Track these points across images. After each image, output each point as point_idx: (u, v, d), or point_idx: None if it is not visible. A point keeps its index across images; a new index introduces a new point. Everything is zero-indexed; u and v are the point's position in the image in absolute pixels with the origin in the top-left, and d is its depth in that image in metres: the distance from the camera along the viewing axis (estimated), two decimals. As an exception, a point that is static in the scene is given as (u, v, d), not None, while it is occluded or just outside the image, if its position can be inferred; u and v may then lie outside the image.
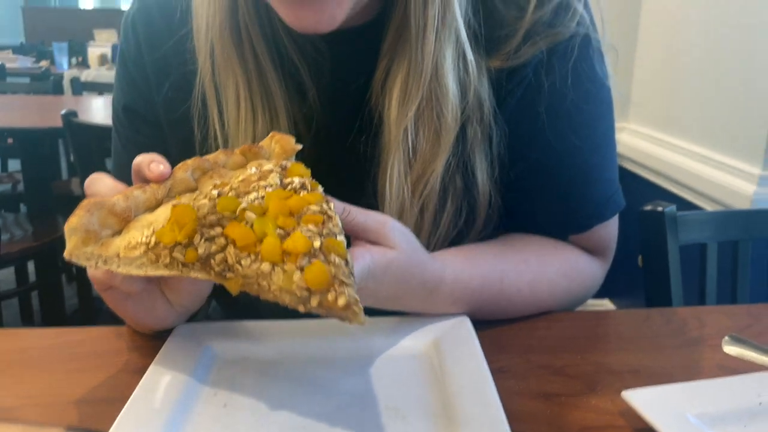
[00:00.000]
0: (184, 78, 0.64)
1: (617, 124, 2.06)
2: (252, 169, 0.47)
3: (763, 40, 1.31)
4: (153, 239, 0.44)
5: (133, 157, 0.70)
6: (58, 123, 1.86)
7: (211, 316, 0.83)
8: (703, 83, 1.59)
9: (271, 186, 0.45)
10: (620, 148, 2.02)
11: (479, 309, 0.60)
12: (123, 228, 0.46)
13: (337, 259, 0.43)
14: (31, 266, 2.26)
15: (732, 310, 0.67)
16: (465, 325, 0.57)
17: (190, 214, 0.43)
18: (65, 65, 4.33)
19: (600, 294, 2.19)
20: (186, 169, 0.48)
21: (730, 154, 1.46)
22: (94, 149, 1.86)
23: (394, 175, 0.60)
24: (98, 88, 3.05)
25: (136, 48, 0.68)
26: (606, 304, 2.20)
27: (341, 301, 0.41)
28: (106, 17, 9.52)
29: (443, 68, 0.58)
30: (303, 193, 0.45)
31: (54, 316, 2.20)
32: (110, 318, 0.58)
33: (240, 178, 0.46)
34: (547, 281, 0.65)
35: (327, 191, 0.65)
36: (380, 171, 0.62)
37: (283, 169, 0.48)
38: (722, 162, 1.47)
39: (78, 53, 5.05)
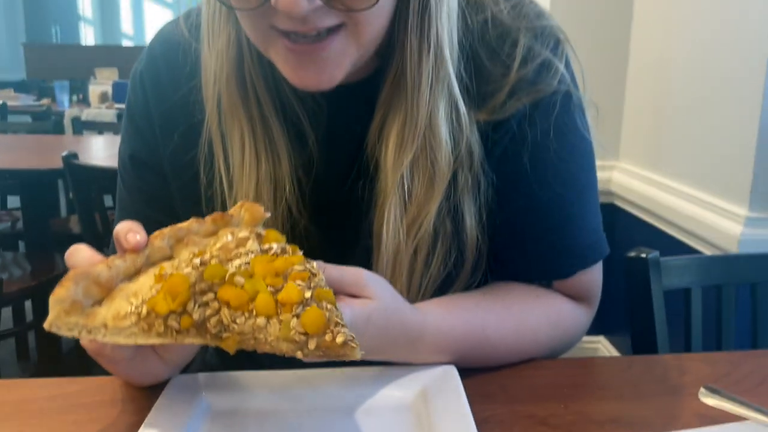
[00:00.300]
0: (191, 128, 0.68)
1: (608, 163, 2.10)
2: (228, 237, 0.49)
3: (748, 84, 1.35)
4: (144, 309, 0.45)
5: (138, 204, 0.73)
6: (59, 164, 1.89)
7: (207, 361, 0.85)
8: (690, 123, 1.63)
9: (252, 252, 0.48)
10: (612, 187, 2.06)
11: (464, 357, 0.62)
12: (105, 297, 0.48)
13: (329, 305, 0.46)
14: (28, 304, 2.27)
15: (712, 358, 0.69)
16: (452, 374, 0.59)
17: (184, 284, 0.45)
18: (66, 103, 4.40)
19: (595, 331, 2.20)
20: (162, 237, 0.50)
21: (717, 194, 1.49)
22: (94, 189, 1.89)
23: (391, 218, 0.63)
24: (98, 127, 3.09)
25: (143, 101, 0.71)
26: (601, 341, 2.21)
27: (340, 339, 0.44)
28: (107, 54, 9.65)
29: (437, 119, 0.62)
30: (285, 256, 0.48)
31: (50, 355, 2.20)
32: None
33: (217, 246, 0.48)
34: (531, 328, 0.67)
35: (325, 234, 0.68)
36: (377, 214, 0.65)
37: (259, 236, 0.50)
38: (709, 202, 1.50)
39: (79, 91, 5.13)
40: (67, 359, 2.31)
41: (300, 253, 0.49)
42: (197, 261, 0.47)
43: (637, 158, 1.97)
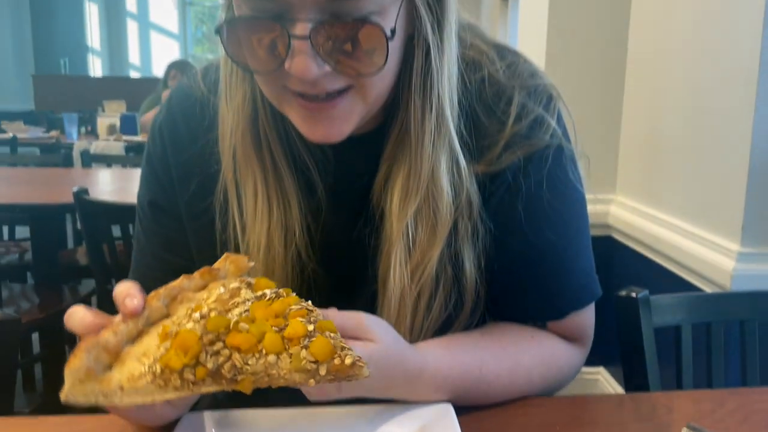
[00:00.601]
0: (208, 177, 0.72)
1: (605, 197, 2.13)
2: (220, 289, 0.53)
3: (738, 123, 1.39)
4: (158, 367, 0.48)
5: (156, 247, 0.77)
6: (69, 198, 1.93)
7: (217, 397, 0.88)
8: (684, 159, 1.67)
9: (248, 300, 0.51)
10: (609, 220, 2.10)
11: (461, 395, 0.66)
12: (115, 362, 0.51)
13: (332, 333, 0.50)
14: (35, 336, 2.30)
15: (697, 396, 0.72)
16: (448, 412, 0.63)
17: (193, 338, 0.48)
18: (75, 135, 4.47)
19: (595, 363, 2.21)
20: (158, 297, 0.54)
21: (710, 229, 1.52)
22: (103, 222, 1.93)
23: (396, 264, 0.67)
24: (106, 160, 3.15)
25: (162, 151, 0.76)
26: (601, 372, 2.23)
27: (348, 361, 0.48)
28: (114, 85, 9.82)
29: (439, 172, 0.66)
30: (280, 299, 0.51)
31: (56, 387, 2.21)
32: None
33: (212, 299, 0.52)
34: (525, 368, 0.71)
35: (333, 278, 0.72)
36: (382, 260, 0.68)
37: (249, 284, 0.54)
38: (703, 237, 1.53)
39: (87, 123, 5.22)
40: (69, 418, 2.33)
41: (293, 294, 0.53)
42: (197, 315, 0.50)
43: (633, 192, 2.02)
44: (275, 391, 0.68)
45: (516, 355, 0.71)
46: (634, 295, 0.88)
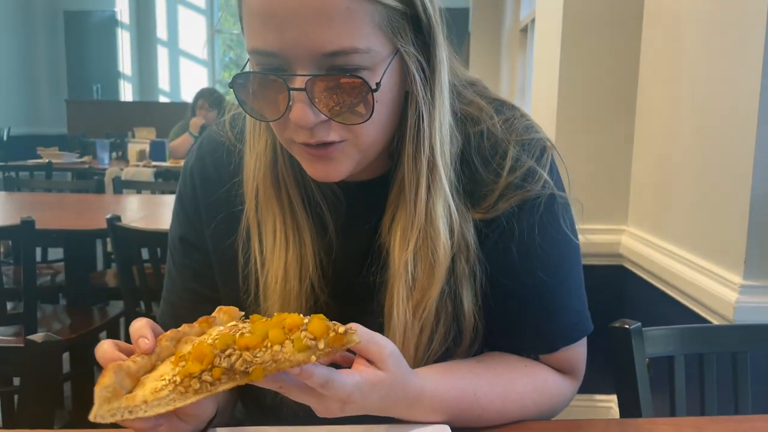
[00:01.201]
0: (232, 216, 0.80)
1: (617, 227, 2.18)
2: (219, 328, 0.61)
3: (740, 161, 1.44)
4: (179, 377, 0.56)
5: (185, 279, 0.85)
6: (101, 224, 2.05)
7: (236, 416, 0.95)
8: (690, 192, 1.72)
9: (246, 327, 0.59)
10: (621, 250, 2.15)
11: (456, 417, 0.72)
12: (135, 386, 0.59)
13: (322, 317, 0.59)
14: (65, 356, 2.40)
15: (680, 422, 0.77)
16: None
17: (208, 347, 0.57)
18: (106, 160, 4.64)
19: (608, 391, 2.23)
20: (167, 338, 0.62)
21: (714, 262, 1.57)
22: (134, 247, 2.03)
23: (399, 301, 0.73)
24: (136, 186, 3.29)
25: (192, 192, 0.84)
26: (614, 400, 2.25)
27: (341, 329, 0.58)
28: (144, 110, 10.09)
29: (435, 216, 0.73)
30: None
31: (85, 404, 2.31)
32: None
33: (214, 333, 0.60)
34: (518, 394, 0.77)
35: (341, 310, 0.79)
36: (387, 296, 0.75)
37: (244, 322, 0.61)
38: (708, 269, 1.57)
39: (118, 148, 5.40)
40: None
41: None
42: (210, 341, 0.58)
43: (643, 224, 2.06)
44: (287, 411, 0.76)
45: (509, 383, 0.77)
46: (627, 326, 0.94)
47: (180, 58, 11.92)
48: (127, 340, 0.65)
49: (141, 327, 0.62)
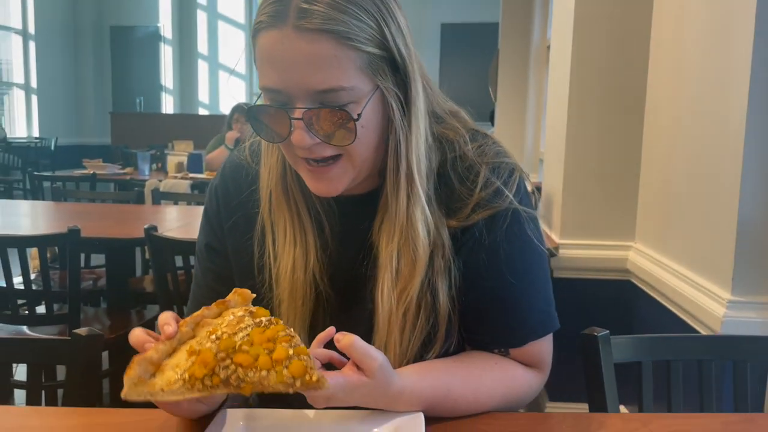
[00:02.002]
0: (249, 219, 0.96)
1: (625, 243, 2.26)
2: (230, 317, 0.75)
3: (728, 180, 1.53)
4: (187, 376, 0.70)
5: (209, 280, 1.01)
6: (140, 233, 2.22)
7: (250, 402, 1.09)
8: (687, 211, 1.81)
9: (250, 326, 0.72)
10: (628, 266, 2.23)
11: (431, 409, 0.84)
12: (157, 371, 0.72)
13: (305, 357, 0.71)
14: (105, 355, 2.58)
15: (629, 417, 0.88)
16: (418, 418, 0.81)
17: (211, 355, 0.70)
18: (147, 171, 4.89)
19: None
20: (186, 324, 0.76)
21: (707, 277, 1.65)
22: (169, 255, 2.20)
23: (386, 289, 0.87)
24: (173, 198, 3.48)
25: (216, 207, 1.01)
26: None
27: (315, 377, 0.70)
28: (183, 122, 10.45)
29: (414, 218, 0.86)
30: (272, 326, 0.73)
31: (121, 400, 2.48)
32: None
33: (225, 324, 0.73)
34: (487, 389, 0.89)
35: (338, 298, 0.92)
36: (376, 285, 0.89)
37: (251, 312, 0.75)
38: (701, 284, 1.66)
39: (158, 160, 5.66)
40: (134, 404, 2.59)
41: (281, 322, 0.73)
42: (213, 337, 0.72)
43: (649, 241, 2.15)
44: (293, 398, 0.90)
45: (480, 379, 0.89)
46: (595, 333, 1.05)
47: (219, 71, 12.28)
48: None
49: (166, 316, 0.76)
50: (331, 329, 0.80)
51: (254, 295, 0.80)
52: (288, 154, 0.86)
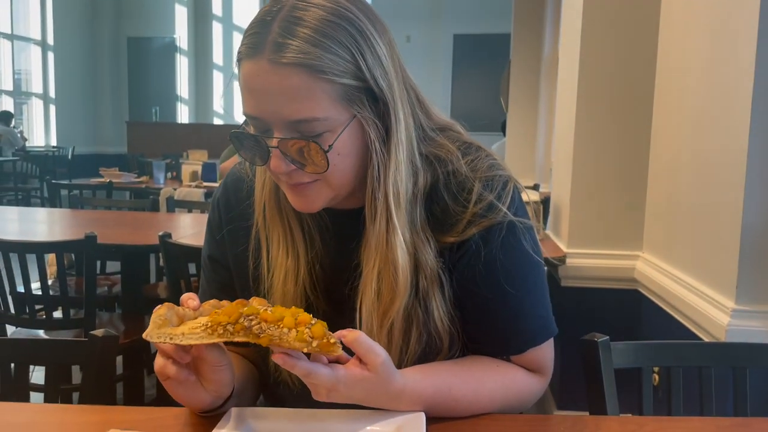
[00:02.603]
0: (247, 230, 0.99)
1: (633, 253, 2.28)
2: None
3: (731, 192, 1.55)
4: (210, 321, 0.75)
5: (213, 290, 1.05)
6: (155, 240, 2.27)
7: (259, 404, 1.12)
8: (692, 221, 1.82)
9: (271, 309, 0.78)
10: (635, 275, 2.25)
11: (433, 409, 0.87)
12: (180, 323, 0.78)
13: (325, 327, 0.76)
14: (119, 359, 2.63)
15: (624, 420, 0.90)
16: (420, 418, 0.84)
17: (237, 308, 0.75)
18: (162, 180, 4.97)
19: (622, 410, 2.31)
20: (209, 304, 0.81)
21: (712, 286, 1.67)
22: (182, 261, 2.25)
23: (365, 310, 0.89)
24: (187, 206, 3.54)
25: (218, 219, 1.04)
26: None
27: (332, 340, 0.75)
28: (198, 132, 10.56)
29: (393, 244, 0.87)
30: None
31: (134, 403, 2.53)
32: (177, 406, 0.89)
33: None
34: (488, 390, 0.91)
35: (326, 310, 0.97)
36: (357, 305, 0.91)
37: (267, 308, 0.79)
38: (705, 293, 1.68)
39: (173, 168, 5.74)
40: (148, 402, 2.64)
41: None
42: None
43: (656, 250, 2.16)
44: (295, 401, 0.93)
45: (481, 381, 0.91)
46: (595, 339, 1.07)
47: (234, 82, 12.40)
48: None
49: (190, 294, 0.81)
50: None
51: (270, 305, 0.83)
52: (271, 175, 0.89)
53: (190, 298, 0.81)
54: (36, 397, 2.14)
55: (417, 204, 0.90)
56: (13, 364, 1.13)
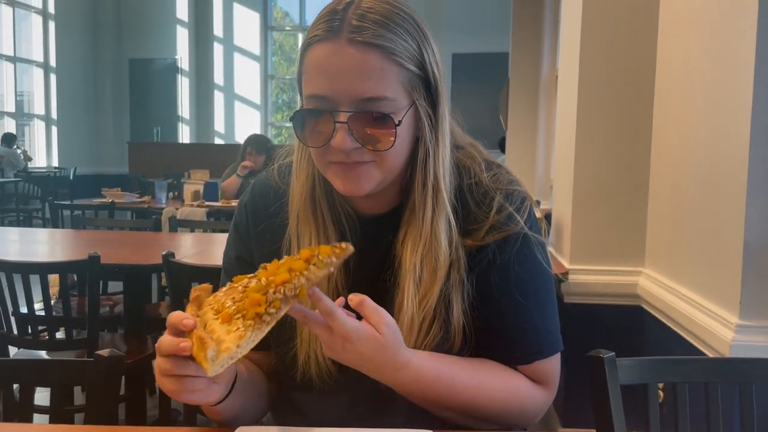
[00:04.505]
0: (274, 232, 1.01)
1: (635, 269, 2.28)
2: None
3: (732, 208, 1.55)
4: (250, 321, 0.75)
5: None
6: (158, 259, 2.27)
7: (263, 423, 1.12)
8: (695, 236, 1.83)
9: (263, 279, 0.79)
10: (638, 291, 2.25)
11: (433, 394, 0.88)
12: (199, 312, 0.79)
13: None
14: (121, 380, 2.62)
15: (631, 437, 0.90)
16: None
17: (256, 295, 0.76)
18: (164, 200, 4.97)
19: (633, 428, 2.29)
20: (193, 309, 0.82)
21: (715, 302, 1.67)
22: (185, 281, 2.25)
23: (409, 295, 0.92)
24: (190, 225, 3.55)
25: (246, 222, 1.06)
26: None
27: (342, 245, 0.80)
28: (200, 152, 10.60)
29: (438, 230, 0.92)
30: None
31: (137, 424, 2.51)
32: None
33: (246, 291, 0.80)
34: (490, 389, 0.92)
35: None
36: (398, 292, 0.93)
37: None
38: (709, 309, 1.67)
39: (175, 188, 5.75)
40: (152, 422, 2.62)
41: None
42: (229, 302, 0.79)
43: (658, 266, 2.16)
44: (313, 404, 0.93)
45: (485, 378, 0.93)
46: (601, 355, 1.07)
47: (235, 102, 12.49)
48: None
49: (177, 315, 0.79)
50: (341, 299, 0.85)
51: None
52: (321, 160, 0.91)
53: (185, 318, 0.78)
54: (38, 418, 2.14)
55: (450, 202, 0.94)
56: (16, 385, 1.13)
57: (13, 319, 2.34)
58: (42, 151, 11.69)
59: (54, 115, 11.63)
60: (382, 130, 0.85)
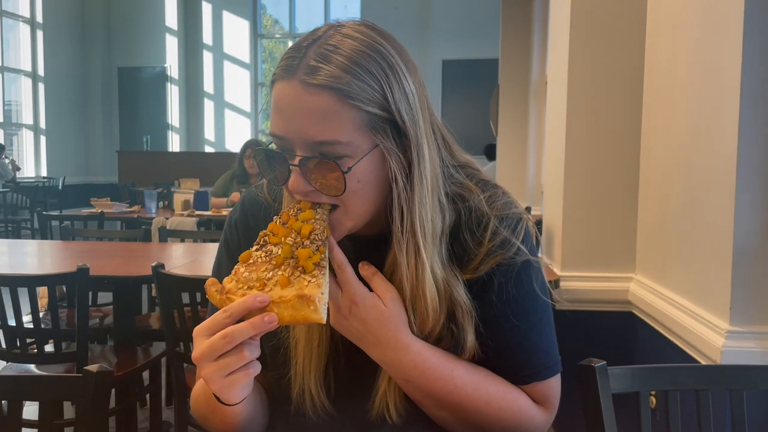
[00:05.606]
0: None
1: (626, 275, 2.28)
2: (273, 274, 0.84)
3: (722, 213, 1.56)
4: (318, 260, 0.82)
5: None
6: (147, 271, 2.26)
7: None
8: (684, 242, 1.84)
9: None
10: (629, 297, 2.25)
11: (430, 386, 0.88)
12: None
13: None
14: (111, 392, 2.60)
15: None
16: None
17: (305, 252, 0.81)
18: (153, 209, 4.95)
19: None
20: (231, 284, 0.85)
21: (706, 308, 1.67)
22: (175, 293, 2.23)
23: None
24: (180, 235, 3.53)
25: (237, 238, 1.04)
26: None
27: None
28: (190, 160, 10.57)
29: (423, 278, 0.88)
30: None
31: (128, 438, 2.49)
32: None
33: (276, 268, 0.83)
34: (487, 393, 0.91)
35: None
36: None
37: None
38: (700, 315, 1.68)
39: (165, 197, 5.73)
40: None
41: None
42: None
43: (648, 272, 2.17)
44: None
45: (484, 379, 0.92)
46: (592, 364, 1.07)
47: (225, 110, 12.47)
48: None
49: (246, 298, 0.80)
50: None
51: None
52: (290, 197, 0.90)
53: (257, 296, 0.79)
54: (27, 432, 2.11)
55: (443, 242, 0.92)
56: (5, 401, 1.12)
57: (1, 332, 2.32)
58: (30, 161, 11.62)
59: (42, 124, 11.57)
60: (333, 173, 0.83)
